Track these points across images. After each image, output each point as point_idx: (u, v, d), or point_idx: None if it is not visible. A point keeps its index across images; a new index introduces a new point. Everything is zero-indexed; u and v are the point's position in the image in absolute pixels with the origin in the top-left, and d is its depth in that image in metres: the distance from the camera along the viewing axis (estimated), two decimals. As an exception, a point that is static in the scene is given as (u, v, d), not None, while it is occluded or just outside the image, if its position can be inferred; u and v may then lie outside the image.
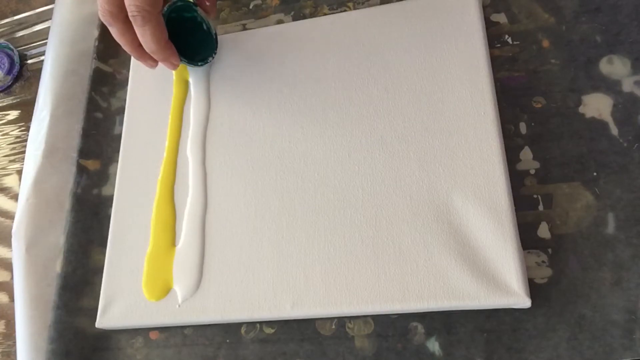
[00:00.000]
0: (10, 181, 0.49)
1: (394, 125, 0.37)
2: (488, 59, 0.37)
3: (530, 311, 0.32)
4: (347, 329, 0.34)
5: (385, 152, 0.36)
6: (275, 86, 0.41)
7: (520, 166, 0.35)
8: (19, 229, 0.42)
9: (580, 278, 0.32)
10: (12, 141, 0.50)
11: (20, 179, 0.46)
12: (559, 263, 0.33)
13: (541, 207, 0.34)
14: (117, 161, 0.42)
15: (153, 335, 0.37)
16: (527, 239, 0.33)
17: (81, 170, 0.43)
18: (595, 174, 0.34)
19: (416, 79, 0.38)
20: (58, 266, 0.40)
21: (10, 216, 0.47)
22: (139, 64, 0.41)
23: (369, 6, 0.42)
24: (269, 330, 0.36)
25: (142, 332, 0.38)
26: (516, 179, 0.35)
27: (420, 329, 0.33)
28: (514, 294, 0.31)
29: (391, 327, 0.34)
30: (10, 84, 0.52)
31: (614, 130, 0.35)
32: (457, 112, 0.36)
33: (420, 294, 0.32)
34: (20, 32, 0.55)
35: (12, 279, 0.42)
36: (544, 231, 0.34)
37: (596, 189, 0.34)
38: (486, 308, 0.32)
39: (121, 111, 0.44)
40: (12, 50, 0.53)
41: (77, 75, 0.47)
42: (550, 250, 0.33)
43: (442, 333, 0.33)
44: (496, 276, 0.32)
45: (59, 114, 0.45)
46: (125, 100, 0.44)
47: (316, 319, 0.35)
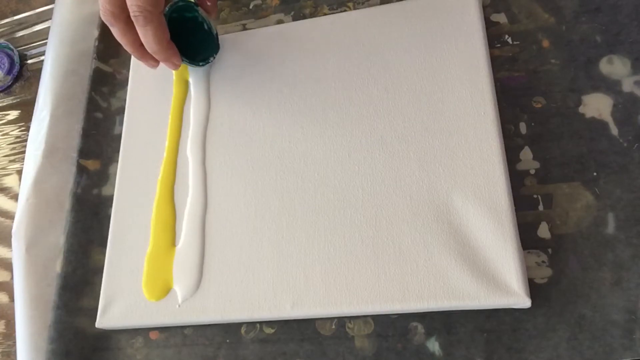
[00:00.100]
0: (10, 181, 0.49)
1: (394, 125, 0.37)
2: (488, 59, 0.37)
3: (530, 311, 0.32)
4: (347, 329, 0.34)
5: (385, 152, 0.36)
6: (275, 86, 0.41)
7: (520, 166, 0.35)
8: (19, 229, 0.42)
9: (580, 278, 0.32)
10: (12, 141, 0.50)
11: (20, 179, 0.46)
12: (559, 263, 0.33)
13: (541, 207, 0.34)
14: (117, 161, 0.42)
15: (153, 335, 0.37)
16: (527, 239, 0.33)
17: (81, 170, 0.43)
18: (595, 174, 0.34)
19: (416, 79, 0.38)
20: (58, 266, 0.40)
21: (10, 216, 0.47)
22: (139, 63, 0.41)
23: (369, 6, 0.42)
24: (269, 330, 0.36)
25: (142, 332, 0.37)
26: (516, 179, 0.35)
27: (420, 329, 0.33)
28: (514, 294, 0.31)
29: (391, 327, 0.34)
30: (10, 84, 0.52)
31: (614, 130, 0.35)
32: (457, 112, 0.36)
33: (420, 294, 0.32)
34: (20, 32, 0.55)
35: (12, 279, 0.42)
36: (544, 231, 0.34)
37: (596, 189, 0.34)
38: (486, 308, 0.32)
39: (121, 111, 0.44)
40: (12, 50, 0.53)
41: (77, 75, 0.46)
42: (550, 250, 0.33)
43: (442, 333, 0.33)
44: (496, 276, 0.32)
45: (59, 114, 0.45)
46: (125, 100, 0.44)
47: (316, 319, 0.35)
